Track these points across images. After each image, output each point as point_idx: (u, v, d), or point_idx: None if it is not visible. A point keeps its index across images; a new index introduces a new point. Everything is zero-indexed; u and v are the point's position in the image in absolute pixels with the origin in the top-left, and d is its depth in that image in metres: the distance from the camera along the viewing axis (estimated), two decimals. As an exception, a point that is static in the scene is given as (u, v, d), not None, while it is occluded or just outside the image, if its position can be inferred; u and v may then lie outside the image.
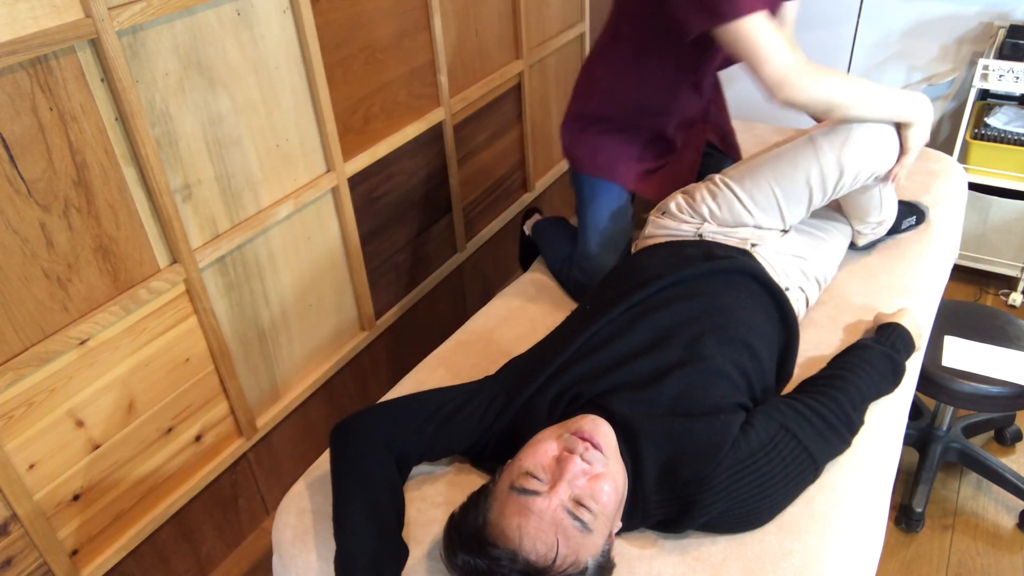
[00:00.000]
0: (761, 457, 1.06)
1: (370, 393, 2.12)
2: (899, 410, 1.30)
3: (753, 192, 1.42)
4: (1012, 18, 2.43)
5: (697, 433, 1.07)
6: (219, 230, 1.53)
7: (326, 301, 1.88)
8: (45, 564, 1.38)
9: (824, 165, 1.36)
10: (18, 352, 1.24)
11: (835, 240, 1.57)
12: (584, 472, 0.96)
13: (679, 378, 1.14)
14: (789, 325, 1.34)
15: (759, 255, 1.41)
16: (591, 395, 1.14)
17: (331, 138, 1.71)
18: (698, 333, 1.21)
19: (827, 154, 1.35)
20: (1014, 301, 2.48)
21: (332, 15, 1.65)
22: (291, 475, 1.92)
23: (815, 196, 1.40)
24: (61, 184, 1.24)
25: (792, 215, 1.44)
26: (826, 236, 1.55)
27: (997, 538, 1.77)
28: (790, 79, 1.25)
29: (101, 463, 1.44)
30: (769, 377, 1.26)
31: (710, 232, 1.45)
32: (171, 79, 1.36)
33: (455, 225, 2.30)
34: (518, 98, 2.44)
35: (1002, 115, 2.41)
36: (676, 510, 1.04)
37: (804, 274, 1.46)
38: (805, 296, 1.45)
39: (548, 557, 0.90)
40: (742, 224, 1.44)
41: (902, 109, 1.32)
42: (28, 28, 1.12)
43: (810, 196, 1.40)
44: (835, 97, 1.28)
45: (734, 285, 1.32)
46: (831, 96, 1.28)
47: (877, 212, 1.54)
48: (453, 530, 0.98)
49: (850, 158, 1.34)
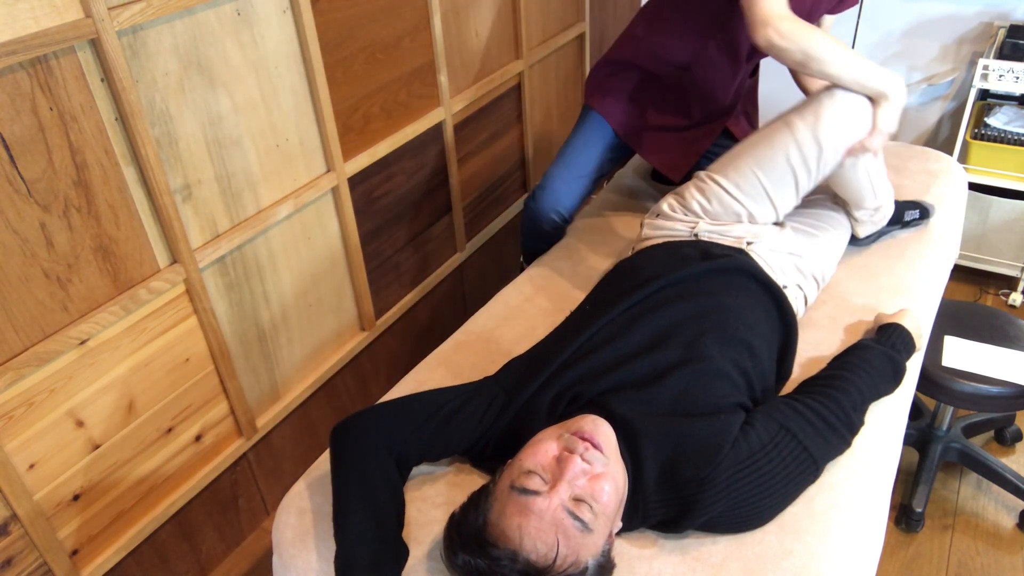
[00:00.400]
0: (761, 457, 1.06)
1: (370, 393, 2.12)
2: (899, 410, 1.30)
3: (738, 181, 1.43)
4: (1012, 18, 2.43)
5: (697, 433, 1.07)
6: (219, 230, 1.54)
7: (326, 301, 1.88)
8: (45, 564, 1.38)
9: (801, 142, 1.37)
10: (18, 352, 1.24)
11: (831, 236, 1.56)
12: (584, 472, 0.96)
13: (679, 378, 1.14)
14: (788, 323, 1.34)
15: (755, 253, 1.41)
16: (591, 395, 1.14)
17: (331, 138, 1.71)
18: (698, 333, 1.21)
19: (802, 131, 1.37)
20: (1014, 301, 2.48)
21: (332, 15, 1.65)
22: (291, 475, 1.92)
23: (800, 177, 1.41)
24: (61, 184, 1.24)
25: (782, 200, 1.44)
26: (821, 233, 1.55)
27: (997, 538, 1.77)
28: (774, 20, 1.34)
29: (101, 463, 1.44)
30: (769, 376, 1.26)
31: (706, 231, 1.45)
32: (171, 79, 1.36)
33: (455, 225, 2.30)
34: (518, 98, 2.44)
35: (1002, 115, 2.41)
36: (676, 510, 1.04)
37: (800, 271, 1.46)
38: (803, 294, 1.46)
39: (548, 557, 0.90)
40: (736, 216, 1.45)
41: (875, 79, 1.35)
42: (28, 28, 1.12)
43: (795, 177, 1.41)
44: (812, 48, 1.33)
45: (733, 284, 1.32)
46: (808, 46, 1.33)
47: (872, 197, 1.55)
48: (453, 530, 0.98)
49: (825, 132, 1.36)
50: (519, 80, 2.40)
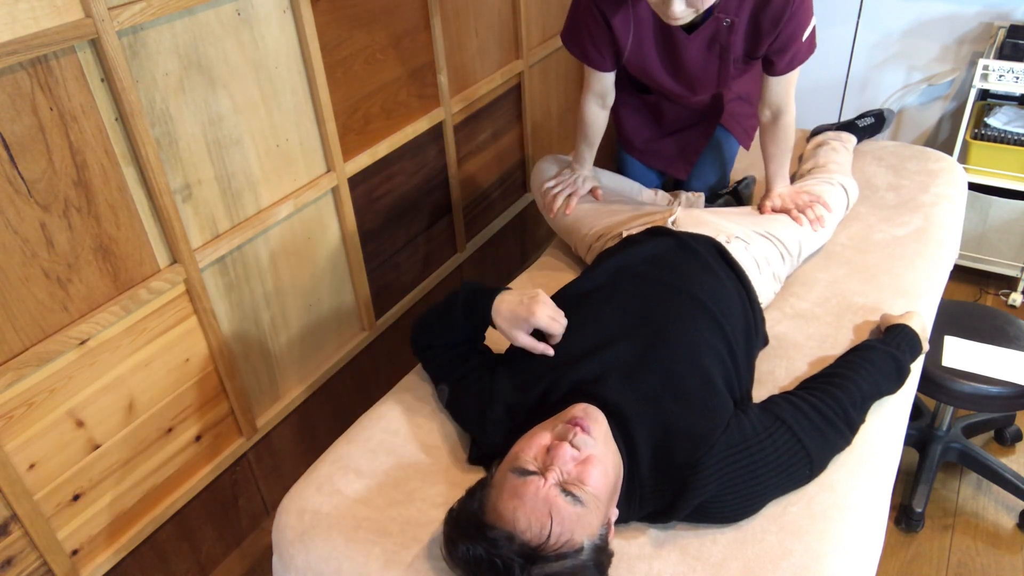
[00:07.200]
0: (755, 444, 1.09)
1: (370, 393, 2.12)
2: (900, 410, 1.30)
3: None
4: (1012, 18, 2.43)
5: (688, 418, 1.10)
6: (219, 230, 1.53)
7: (326, 301, 1.88)
8: (45, 564, 1.38)
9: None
10: (18, 352, 1.24)
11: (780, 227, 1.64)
12: (573, 458, 0.98)
13: (662, 360, 1.17)
14: (741, 277, 1.39)
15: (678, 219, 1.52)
16: (578, 385, 1.16)
17: (331, 138, 1.71)
18: (672, 311, 1.25)
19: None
20: (1014, 301, 2.48)
21: (332, 15, 1.65)
22: (291, 475, 1.92)
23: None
24: (61, 184, 1.24)
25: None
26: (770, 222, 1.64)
27: (997, 538, 1.77)
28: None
29: (101, 463, 1.44)
30: (744, 346, 1.29)
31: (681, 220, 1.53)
32: (171, 79, 1.36)
33: (455, 225, 2.30)
34: (518, 98, 2.44)
35: (1002, 115, 2.41)
36: (671, 496, 1.06)
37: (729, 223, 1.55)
38: (744, 242, 1.49)
39: (542, 535, 0.92)
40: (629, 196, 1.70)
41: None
42: (28, 28, 1.12)
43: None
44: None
45: (697, 261, 1.37)
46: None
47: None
48: (452, 522, 1.00)
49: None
50: (519, 80, 2.40)
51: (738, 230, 1.51)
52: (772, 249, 1.53)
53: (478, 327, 1.28)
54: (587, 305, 1.29)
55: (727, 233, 1.48)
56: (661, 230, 1.47)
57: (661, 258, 1.37)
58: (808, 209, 1.61)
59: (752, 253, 1.48)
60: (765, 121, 1.63)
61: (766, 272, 1.49)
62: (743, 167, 2.04)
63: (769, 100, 1.58)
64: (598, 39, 1.53)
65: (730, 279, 1.37)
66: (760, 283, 1.45)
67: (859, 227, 1.74)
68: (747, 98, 1.82)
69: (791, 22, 1.42)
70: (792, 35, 1.44)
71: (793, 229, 1.59)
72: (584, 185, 1.74)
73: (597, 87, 1.64)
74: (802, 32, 1.45)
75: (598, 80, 1.63)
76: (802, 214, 1.61)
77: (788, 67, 1.51)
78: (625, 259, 1.38)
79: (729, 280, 1.36)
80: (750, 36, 1.47)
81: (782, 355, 1.40)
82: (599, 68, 1.59)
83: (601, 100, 1.68)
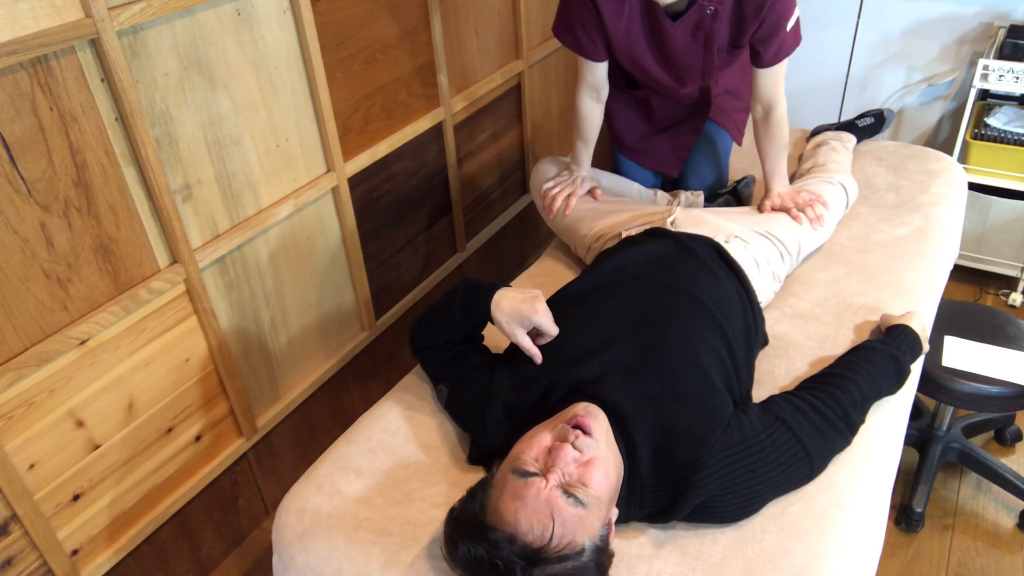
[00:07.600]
0: (754, 443, 1.09)
1: (370, 393, 2.12)
2: (900, 410, 1.30)
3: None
4: (1012, 18, 2.43)
5: (687, 418, 1.10)
6: (219, 230, 1.53)
7: (326, 301, 1.88)
8: (45, 564, 1.38)
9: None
10: (18, 352, 1.24)
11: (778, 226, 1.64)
12: (575, 460, 0.98)
13: (662, 360, 1.17)
14: (740, 277, 1.39)
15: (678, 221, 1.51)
16: (578, 385, 1.15)
17: (331, 138, 1.71)
18: (671, 311, 1.24)
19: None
20: (1014, 301, 2.48)
21: (332, 15, 1.65)
22: (291, 475, 1.92)
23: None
24: (61, 184, 1.24)
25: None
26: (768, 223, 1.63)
27: (997, 538, 1.77)
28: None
29: (101, 463, 1.44)
30: (744, 346, 1.29)
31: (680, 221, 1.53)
32: (171, 79, 1.36)
33: (455, 225, 2.30)
34: (518, 98, 2.44)
35: (1002, 115, 2.41)
36: (671, 496, 1.06)
37: (731, 223, 1.55)
38: (743, 242, 1.50)
39: (544, 537, 0.92)
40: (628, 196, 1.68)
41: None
42: (28, 28, 1.12)
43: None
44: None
45: (696, 260, 1.36)
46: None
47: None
48: (453, 522, 1.00)
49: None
50: (519, 80, 2.40)
51: (737, 229, 1.51)
52: (771, 248, 1.53)
53: (476, 322, 1.28)
54: (587, 305, 1.28)
55: (726, 232, 1.48)
56: (660, 231, 1.47)
57: (660, 259, 1.37)
58: (808, 208, 1.61)
59: (751, 252, 1.48)
60: (758, 117, 1.64)
61: (765, 271, 1.48)
62: (743, 167, 2.04)
63: (759, 94, 1.60)
64: (589, 27, 1.55)
65: (729, 279, 1.36)
66: (760, 283, 1.45)
67: (859, 227, 1.74)
68: (735, 92, 1.83)
69: (773, 10, 1.44)
70: (775, 24, 1.46)
71: (792, 228, 1.59)
72: (583, 186, 1.75)
73: (591, 79, 1.66)
74: (785, 22, 1.47)
75: (591, 72, 1.65)
76: (802, 213, 1.61)
77: (775, 58, 1.53)
78: (624, 260, 1.38)
79: (728, 280, 1.36)
80: (734, 24, 1.49)
81: (782, 355, 1.40)
82: (592, 57, 1.61)
83: (595, 93, 1.69)
